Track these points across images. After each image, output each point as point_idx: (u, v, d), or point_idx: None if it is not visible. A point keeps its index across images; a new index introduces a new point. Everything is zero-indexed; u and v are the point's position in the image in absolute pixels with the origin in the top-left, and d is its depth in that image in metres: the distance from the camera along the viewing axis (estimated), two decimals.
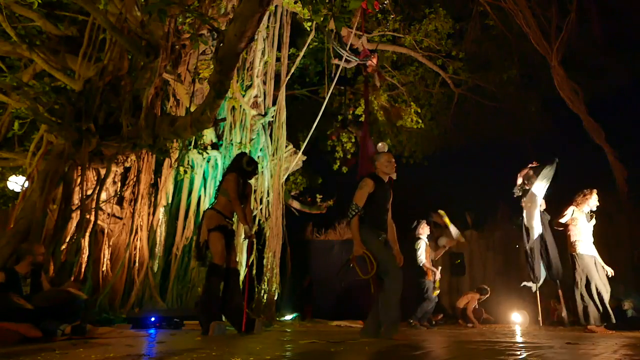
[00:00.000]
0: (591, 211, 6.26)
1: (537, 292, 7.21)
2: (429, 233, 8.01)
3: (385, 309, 3.93)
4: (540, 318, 7.28)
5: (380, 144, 4.61)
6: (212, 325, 4.31)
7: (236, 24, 4.56)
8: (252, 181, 8.91)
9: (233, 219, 4.87)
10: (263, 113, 9.23)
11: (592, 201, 6.19)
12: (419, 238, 7.81)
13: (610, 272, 6.00)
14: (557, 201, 7.37)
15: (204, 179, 8.83)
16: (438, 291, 7.97)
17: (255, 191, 9.04)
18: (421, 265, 7.63)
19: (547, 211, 7.30)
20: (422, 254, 7.65)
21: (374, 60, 9.18)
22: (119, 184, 8.22)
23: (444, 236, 10.12)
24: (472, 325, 8.60)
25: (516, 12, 9.66)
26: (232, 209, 4.70)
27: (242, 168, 4.83)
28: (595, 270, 5.93)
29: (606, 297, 5.80)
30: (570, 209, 6.24)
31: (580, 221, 6.18)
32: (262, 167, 9.10)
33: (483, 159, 15.56)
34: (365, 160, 8.27)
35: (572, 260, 6.12)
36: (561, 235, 7.27)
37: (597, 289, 5.79)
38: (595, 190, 6.28)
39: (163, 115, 6.50)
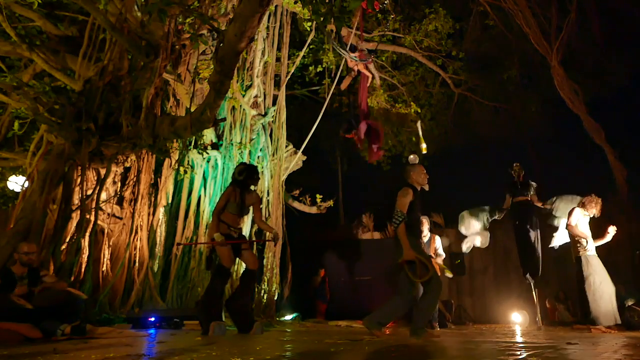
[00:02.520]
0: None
1: (534, 290, 7.04)
2: (428, 227, 7.96)
3: (424, 312, 4.16)
4: (538, 318, 7.13)
5: (411, 156, 4.86)
6: (212, 325, 4.33)
7: (236, 24, 4.56)
8: None
9: (238, 227, 4.91)
10: (263, 113, 9.23)
11: (598, 209, 6.22)
12: None
13: None
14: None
15: (204, 179, 8.82)
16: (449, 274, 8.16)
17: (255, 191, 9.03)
18: None
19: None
20: None
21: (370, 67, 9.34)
22: (119, 184, 8.21)
23: (444, 236, 10.07)
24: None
25: (516, 12, 9.66)
26: (234, 219, 4.77)
27: (235, 179, 4.91)
28: (604, 270, 5.95)
29: (613, 297, 5.84)
30: (577, 210, 6.25)
31: (584, 223, 6.21)
32: (262, 167, 9.10)
33: (483, 159, 15.58)
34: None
35: (578, 262, 6.08)
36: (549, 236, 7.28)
37: (607, 290, 5.85)
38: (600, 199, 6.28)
39: (163, 115, 6.49)
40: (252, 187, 5.08)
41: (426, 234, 7.82)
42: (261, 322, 5.14)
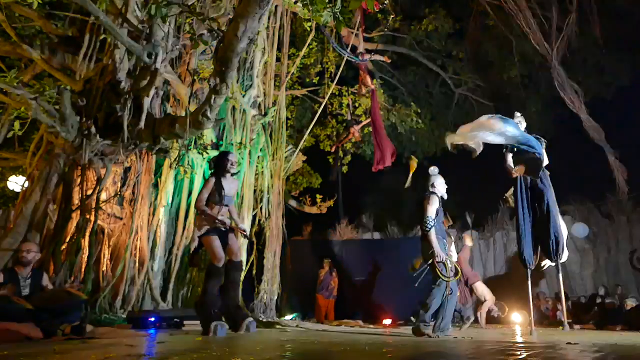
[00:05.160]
0: None
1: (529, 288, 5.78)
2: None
3: (428, 310, 4.60)
4: (531, 318, 5.85)
5: (432, 168, 5.23)
6: (212, 326, 4.31)
7: (236, 24, 4.56)
8: (252, 180, 8.96)
9: (226, 219, 4.71)
10: (263, 113, 9.23)
11: None
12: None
13: None
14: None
15: (204, 179, 8.82)
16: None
17: (255, 191, 9.03)
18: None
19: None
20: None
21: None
22: (119, 184, 8.21)
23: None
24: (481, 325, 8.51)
25: (516, 12, 9.67)
26: (217, 209, 4.61)
27: (210, 167, 4.84)
28: None
29: None
30: None
31: None
32: (262, 167, 9.11)
33: (483, 159, 15.55)
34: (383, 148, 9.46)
35: None
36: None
37: None
38: None
39: (163, 115, 6.50)
40: (234, 176, 4.87)
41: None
42: (251, 320, 4.66)
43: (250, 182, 8.76)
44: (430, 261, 4.67)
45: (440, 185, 5.00)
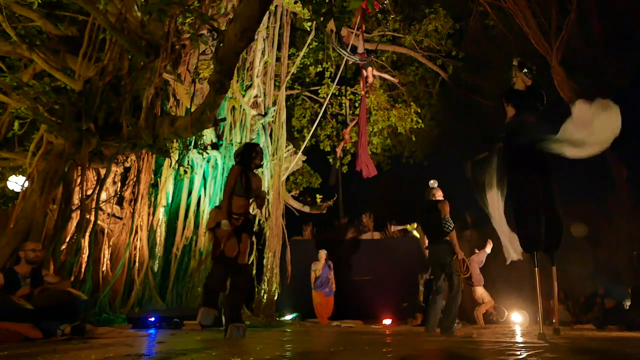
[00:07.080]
0: None
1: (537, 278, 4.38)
2: None
3: (452, 308, 5.12)
4: (540, 318, 4.50)
5: (431, 181, 5.81)
6: (201, 311, 4.20)
7: (236, 24, 4.56)
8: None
9: (242, 212, 4.49)
10: (263, 113, 9.24)
11: None
12: None
13: None
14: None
15: (204, 179, 8.83)
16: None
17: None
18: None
19: None
20: None
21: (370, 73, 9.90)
22: (119, 184, 8.22)
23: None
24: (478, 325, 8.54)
25: (516, 12, 9.68)
26: (237, 205, 4.43)
27: (236, 160, 4.64)
28: None
29: None
30: None
31: None
32: (262, 167, 9.12)
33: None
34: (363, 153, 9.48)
35: None
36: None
37: None
38: None
39: (163, 115, 6.50)
40: (256, 170, 4.68)
41: None
42: (241, 327, 4.19)
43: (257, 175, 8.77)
44: (452, 260, 5.22)
45: (440, 197, 5.60)
